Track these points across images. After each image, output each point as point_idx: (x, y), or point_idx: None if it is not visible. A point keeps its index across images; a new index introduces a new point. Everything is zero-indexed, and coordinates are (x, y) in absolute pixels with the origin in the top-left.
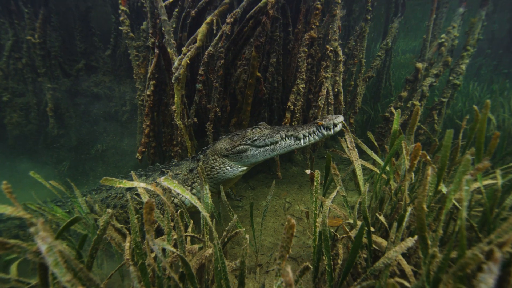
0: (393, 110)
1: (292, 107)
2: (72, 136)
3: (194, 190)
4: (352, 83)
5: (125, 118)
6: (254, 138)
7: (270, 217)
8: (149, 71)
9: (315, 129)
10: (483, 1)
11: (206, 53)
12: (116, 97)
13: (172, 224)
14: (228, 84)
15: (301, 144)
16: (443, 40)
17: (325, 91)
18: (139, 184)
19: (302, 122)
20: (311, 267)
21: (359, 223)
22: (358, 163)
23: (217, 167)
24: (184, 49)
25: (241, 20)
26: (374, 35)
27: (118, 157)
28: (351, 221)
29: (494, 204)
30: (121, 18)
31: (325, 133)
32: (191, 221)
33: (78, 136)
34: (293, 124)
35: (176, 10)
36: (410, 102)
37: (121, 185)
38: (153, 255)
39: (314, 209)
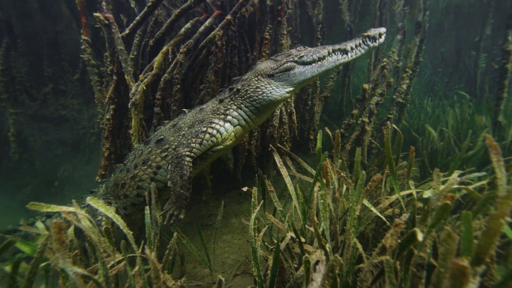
0: (365, 121)
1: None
2: (36, 161)
3: (229, 117)
4: (310, 102)
5: (92, 141)
6: (301, 55)
7: (237, 234)
8: (107, 96)
9: (361, 41)
10: (416, 29)
11: (162, 79)
12: (85, 120)
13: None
14: (190, 107)
15: (348, 57)
16: (385, 63)
17: (279, 111)
18: (61, 208)
19: (260, 138)
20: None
21: (290, 234)
22: (288, 180)
23: (262, 87)
24: (141, 76)
25: (195, 49)
26: None
27: (85, 180)
28: (292, 234)
29: (414, 211)
30: (83, 47)
31: (371, 44)
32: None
33: (43, 161)
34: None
35: (137, 39)
36: (360, 119)
37: (49, 210)
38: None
39: (252, 224)
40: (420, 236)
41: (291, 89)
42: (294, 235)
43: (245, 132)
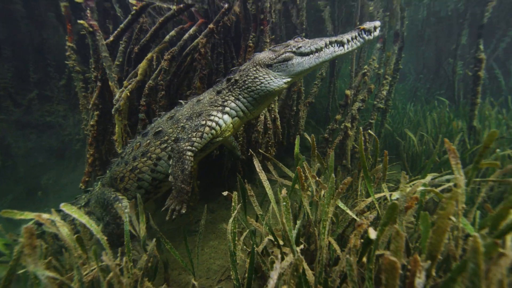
0: (354, 125)
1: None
2: (19, 168)
3: (227, 109)
4: (295, 108)
5: (78, 147)
6: (299, 46)
7: (223, 240)
8: (91, 102)
9: (357, 34)
10: (395, 38)
11: (146, 86)
12: (70, 126)
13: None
14: None
15: (344, 49)
16: (365, 70)
17: (263, 117)
18: (37, 215)
19: (246, 143)
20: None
21: (268, 237)
22: (266, 184)
23: (260, 77)
24: (125, 82)
25: (180, 56)
26: None
27: (71, 187)
28: (271, 237)
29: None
30: (67, 53)
31: (366, 37)
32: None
33: (26, 168)
34: None
35: (123, 45)
36: (343, 124)
37: (22, 217)
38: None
39: (232, 227)
40: (372, 235)
41: (289, 79)
42: (272, 238)
43: (242, 123)
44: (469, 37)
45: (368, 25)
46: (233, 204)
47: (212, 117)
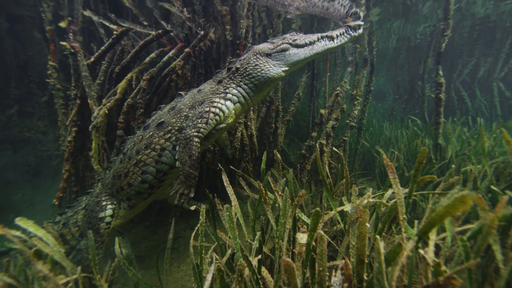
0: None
1: (212, 148)
2: None
3: (229, 95)
4: (273, 125)
5: (56, 163)
6: (295, 38)
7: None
8: (69, 119)
9: (344, 31)
10: (364, 63)
11: (125, 104)
12: (50, 142)
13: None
14: None
15: (334, 43)
16: (338, 91)
17: (240, 134)
18: None
19: (224, 159)
20: None
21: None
22: (233, 198)
23: (261, 64)
24: (104, 100)
25: (159, 76)
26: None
27: (45, 202)
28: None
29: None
30: (49, 72)
31: (352, 34)
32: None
33: (1, 183)
34: None
35: (105, 65)
36: (318, 141)
37: None
38: None
39: (200, 241)
40: (301, 239)
41: (287, 68)
42: (235, 250)
43: (243, 111)
44: (434, 63)
45: (353, 23)
46: (200, 217)
47: (215, 104)
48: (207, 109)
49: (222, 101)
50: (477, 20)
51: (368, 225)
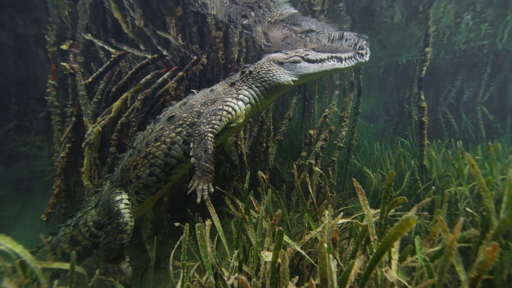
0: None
1: None
2: None
3: (241, 96)
4: (264, 144)
5: (49, 178)
6: (307, 53)
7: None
8: (64, 135)
9: (352, 55)
10: (350, 87)
11: (119, 122)
12: (45, 157)
13: None
14: None
15: (342, 65)
16: (326, 113)
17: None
18: None
19: (215, 176)
20: None
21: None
22: (215, 217)
23: (273, 70)
24: (99, 118)
25: (153, 97)
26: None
27: (35, 218)
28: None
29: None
30: (48, 90)
31: (359, 59)
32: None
33: None
34: None
35: (102, 85)
36: (308, 160)
37: None
38: None
39: (182, 260)
40: (266, 258)
41: (296, 79)
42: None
43: (253, 113)
44: (417, 88)
45: (361, 50)
46: (184, 235)
47: (228, 103)
48: (220, 107)
49: (234, 100)
50: (459, 47)
51: (325, 245)
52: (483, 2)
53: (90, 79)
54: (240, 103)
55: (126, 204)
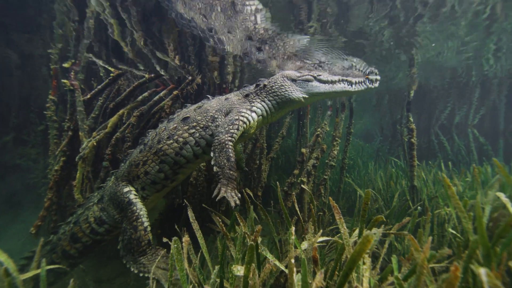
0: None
1: (194, 182)
2: None
3: (254, 108)
4: (257, 162)
5: (42, 191)
6: (319, 74)
7: None
8: (59, 148)
9: (362, 80)
10: (342, 108)
11: (114, 137)
12: (39, 170)
13: None
14: None
15: (352, 88)
16: (318, 132)
17: None
18: None
19: (206, 193)
20: None
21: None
22: (199, 233)
23: (286, 86)
24: (94, 133)
25: (149, 113)
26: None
27: (24, 231)
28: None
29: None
30: (48, 105)
31: (369, 85)
32: None
33: None
34: None
35: (101, 101)
36: (299, 178)
37: None
38: None
39: (169, 276)
40: (238, 272)
41: (306, 96)
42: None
43: (263, 124)
44: (405, 110)
45: (371, 76)
46: (171, 251)
47: (243, 113)
48: (236, 117)
49: (248, 112)
50: (447, 70)
51: (292, 260)
52: (466, 32)
53: (88, 96)
54: (253, 114)
55: (135, 194)
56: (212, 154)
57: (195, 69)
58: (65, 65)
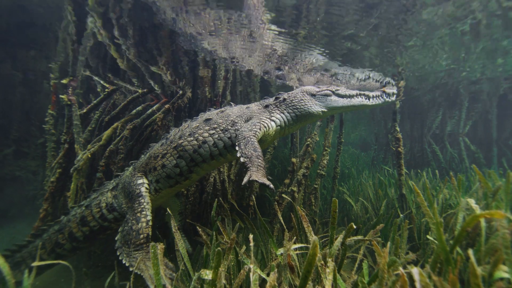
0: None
1: (186, 192)
2: None
3: (273, 117)
4: None
5: (40, 202)
6: (337, 89)
7: None
8: (55, 160)
9: (379, 94)
10: (331, 119)
11: (107, 149)
12: (38, 181)
13: None
14: None
15: (369, 102)
16: (308, 142)
17: (213, 179)
18: None
19: (197, 203)
20: None
21: None
22: (181, 243)
23: (306, 100)
24: (89, 145)
25: (142, 126)
26: None
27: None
28: None
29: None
30: (47, 119)
31: (386, 99)
32: None
33: None
34: None
35: (97, 114)
36: (290, 188)
37: None
38: None
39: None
40: (207, 276)
41: (325, 110)
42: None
43: (279, 135)
44: (392, 120)
45: (388, 90)
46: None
47: (263, 120)
48: (258, 121)
49: (268, 120)
50: (437, 80)
51: (251, 266)
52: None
53: (85, 110)
54: (272, 123)
55: (146, 188)
56: (237, 148)
57: (185, 84)
58: (63, 81)
